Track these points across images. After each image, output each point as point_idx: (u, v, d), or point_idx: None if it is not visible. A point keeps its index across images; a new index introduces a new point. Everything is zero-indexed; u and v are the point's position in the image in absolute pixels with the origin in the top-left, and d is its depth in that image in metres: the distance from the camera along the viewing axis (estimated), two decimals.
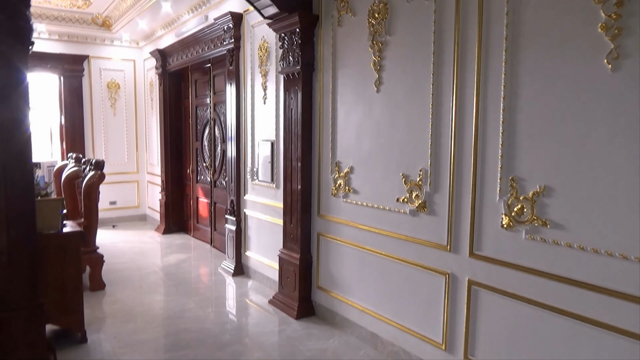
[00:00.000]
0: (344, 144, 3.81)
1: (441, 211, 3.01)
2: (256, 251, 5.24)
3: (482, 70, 2.70)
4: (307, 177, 4.21)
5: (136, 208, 8.82)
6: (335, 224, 3.96)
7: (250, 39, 5.07)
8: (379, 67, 3.41)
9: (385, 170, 3.41)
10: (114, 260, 6.06)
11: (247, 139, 5.25)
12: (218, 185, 6.63)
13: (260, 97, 4.96)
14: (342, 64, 3.79)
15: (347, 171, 3.79)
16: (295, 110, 4.18)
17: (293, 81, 4.17)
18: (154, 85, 8.14)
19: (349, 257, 3.84)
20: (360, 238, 3.69)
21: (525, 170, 2.52)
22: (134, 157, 8.70)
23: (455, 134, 2.88)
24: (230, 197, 5.60)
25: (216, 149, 6.66)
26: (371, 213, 3.57)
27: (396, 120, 3.30)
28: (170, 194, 7.74)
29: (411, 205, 3.21)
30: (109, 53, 8.34)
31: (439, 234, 3.03)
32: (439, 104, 2.98)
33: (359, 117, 3.64)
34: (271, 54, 4.73)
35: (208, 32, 5.90)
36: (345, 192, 3.82)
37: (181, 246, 6.94)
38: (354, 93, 3.68)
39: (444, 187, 2.98)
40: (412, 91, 3.16)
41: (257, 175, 5.09)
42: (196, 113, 7.27)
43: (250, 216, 5.31)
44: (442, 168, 2.99)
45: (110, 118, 8.42)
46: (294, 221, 4.30)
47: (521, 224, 2.54)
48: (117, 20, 7.39)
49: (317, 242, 4.21)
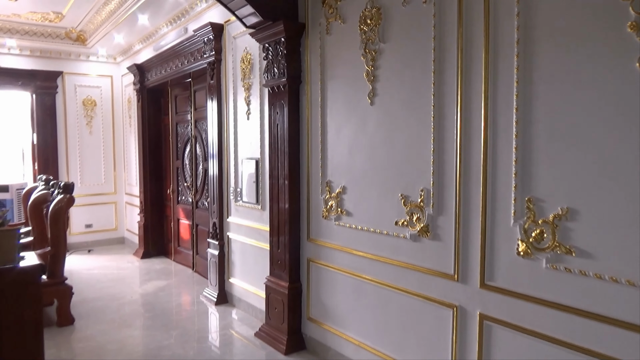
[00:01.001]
0: (335, 161, 3.50)
1: (446, 236, 2.70)
2: (241, 278, 4.86)
3: (490, 78, 2.42)
4: (295, 197, 3.87)
5: (114, 231, 8.36)
6: (327, 249, 3.62)
7: (232, 51, 4.77)
8: (372, 77, 3.12)
9: (382, 190, 3.10)
10: (86, 289, 5.60)
11: (230, 157, 4.91)
12: (200, 206, 6.25)
13: (243, 113, 4.64)
14: (332, 75, 3.49)
15: (339, 191, 3.47)
16: (281, 126, 3.86)
17: (278, 94, 3.86)
18: (132, 102, 7.77)
19: (343, 286, 3.49)
20: (355, 265, 3.36)
21: (544, 190, 2.22)
22: (112, 177, 8.28)
23: (460, 150, 2.59)
24: (212, 219, 5.22)
25: (198, 167, 6.30)
26: (367, 237, 3.24)
27: (393, 135, 3.00)
28: (150, 216, 7.32)
29: (412, 229, 2.89)
30: (84, 69, 7.96)
31: (445, 262, 2.71)
32: (441, 116, 2.69)
33: (351, 132, 3.33)
34: (254, 67, 4.42)
35: (187, 44, 5.58)
36: (337, 214, 3.49)
37: (161, 272, 6.51)
38: (345, 106, 3.38)
39: (449, 209, 2.67)
40: (411, 103, 2.87)
41: (241, 196, 4.74)
42: (177, 130, 6.91)
43: (234, 240, 4.94)
44: (447, 188, 2.68)
45: (86, 137, 8.00)
46: (282, 246, 3.95)
47: (541, 251, 2.24)
48: (92, 34, 7.04)
49: (308, 269, 3.85)
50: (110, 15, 6.02)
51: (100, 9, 6.01)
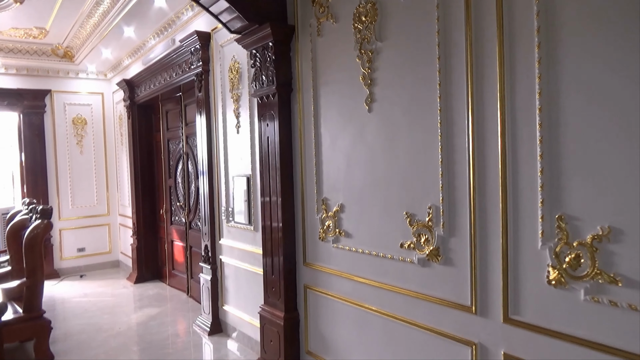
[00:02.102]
0: (332, 176, 3.13)
1: (460, 260, 2.31)
2: (235, 305, 4.47)
3: (506, 74, 2.05)
4: (288, 217, 3.50)
5: (108, 254, 7.99)
6: (326, 275, 3.23)
7: (219, 60, 4.44)
8: (369, 80, 2.76)
9: (384, 208, 2.72)
10: (72, 320, 5.22)
11: (221, 174, 4.55)
12: (193, 227, 5.88)
13: (233, 126, 4.29)
14: (325, 81, 3.14)
15: (336, 210, 3.09)
16: (272, 139, 3.51)
17: (268, 105, 3.51)
18: (123, 119, 7.46)
19: (345, 317, 3.09)
20: (357, 293, 2.97)
21: (578, 205, 1.84)
22: (104, 197, 7.94)
23: (473, 160, 2.21)
24: (204, 241, 4.85)
25: (190, 186, 5.95)
26: (369, 262, 2.85)
27: (394, 144, 2.63)
28: (143, 238, 6.96)
29: (420, 253, 2.50)
30: (74, 86, 7.67)
31: (460, 291, 2.31)
32: (449, 122, 2.32)
33: (347, 143, 2.97)
34: (243, 76, 4.09)
35: (175, 56, 5.26)
36: (335, 235, 3.11)
37: (154, 297, 6.13)
38: (340, 114, 3.02)
39: (462, 229, 2.29)
40: (414, 108, 2.50)
41: (232, 216, 4.37)
42: (168, 147, 6.58)
43: (227, 264, 4.56)
44: (459, 205, 2.30)
45: (77, 156, 7.68)
46: (276, 271, 3.57)
47: (577, 280, 1.85)
48: (79, 50, 6.76)
49: (305, 297, 3.46)
50: (94, 28, 5.73)
51: (84, 22, 5.73)
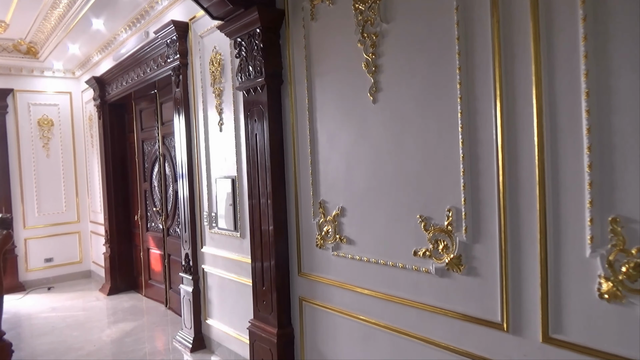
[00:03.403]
0: (330, 177, 2.81)
1: (487, 270, 2.02)
2: (220, 319, 4.10)
3: (543, 54, 1.77)
4: (281, 222, 3.16)
5: (78, 264, 7.48)
6: (324, 286, 2.91)
7: (199, 52, 4.07)
8: (374, 68, 2.45)
9: (393, 211, 2.41)
10: (39, 339, 4.76)
11: (202, 176, 4.18)
12: (172, 234, 5.48)
13: (215, 124, 3.93)
14: (321, 71, 2.82)
15: (336, 214, 2.77)
16: (260, 136, 3.17)
17: (255, 99, 3.17)
18: (93, 120, 6.98)
19: (347, 332, 2.77)
20: (361, 306, 2.65)
21: (637, 206, 1.56)
22: (74, 204, 7.43)
23: (503, 155, 1.92)
24: (184, 249, 4.47)
25: (167, 190, 5.53)
26: (375, 271, 2.54)
27: (405, 140, 2.33)
28: (116, 246, 6.50)
29: (437, 261, 2.20)
30: (39, 85, 7.15)
31: (487, 305, 2.02)
32: (472, 112, 2.03)
33: (348, 139, 2.65)
34: (226, 68, 3.73)
35: (149, 49, 4.86)
36: (335, 242, 2.79)
37: (130, 310, 5.68)
38: (339, 107, 2.70)
39: (489, 234, 2.00)
40: (428, 97, 2.20)
41: (216, 222, 4.00)
42: (143, 148, 6.15)
43: (210, 274, 4.19)
44: (485, 206, 2.01)
45: (43, 160, 7.16)
46: (267, 282, 3.22)
47: (638, 294, 1.57)
48: (43, 45, 6.26)
49: (300, 311, 3.13)
50: (59, 20, 5.27)
51: (48, 14, 5.26)
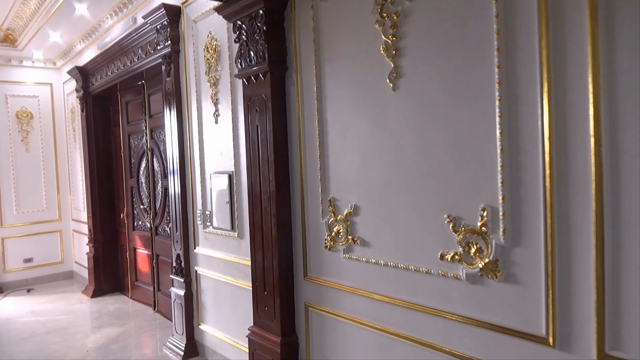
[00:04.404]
0: (341, 172, 2.56)
1: (529, 277, 1.79)
2: (215, 325, 3.83)
3: (600, 31, 1.55)
4: (285, 221, 2.91)
5: (60, 264, 7.12)
6: (334, 292, 2.67)
7: (192, 38, 3.78)
8: (394, 51, 2.21)
9: (416, 210, 2.18)
10: (17, 346, 4.43)
11: (195, 172, 3.90)
12: (161, 233, 5.17)
13: (210, 115, 3.65)
14: (332, 56, 2.57)
15: (348, 212, 2.53)
16: (263, 128, 2.90)
17: (257, 87, 2.91)
18: (76, 113, 6.62)
19: (361, 343, 2.54)
20: (377, 314, 2.41)
21: None
22: (55, 201, 7.06)
23: (550, 146, 1.70)
24: (175, 250, 4.18)
25: (156, 186, 5.23)
26: (394, 276, 2.31)
27: (430, 130, 2.09)
28: (101, 246, 6.17)
29: (469, 267, 1.98)
30: (17, 76, 6.76)
31: (528, 316, 1.80)
32: (513, 98, 1.80)
33: (363, 130, 2.41)
34: (222, 55, 3.45)
35: (137, 36, 4.55)
36: (347, 243, 2.55)
37: (115, 314, 5.37)
38: (353, 96, 2.45)
39: (532, 236, 1.78)
40: (458, 82, 1.97)
41: (210, 221, 3.73)
42: (129, 143, 5.82)
43: (204, 276, 3.91)
44: (527, 205, 1.78)
45: (22, 155, 6.77)
46: (270, 287, 2.97)
47: None
48: (21, 32, 5.89)
49: (306, 318, 2.89)
50: (39, 5, 4.92)
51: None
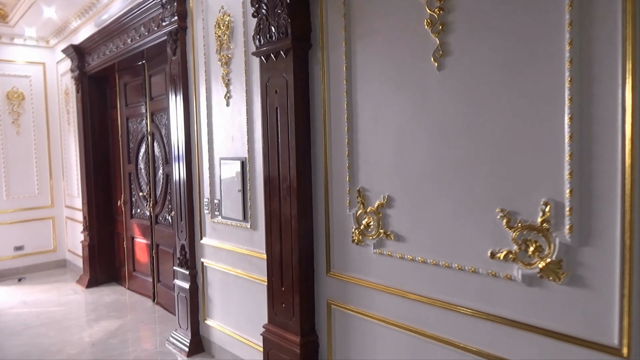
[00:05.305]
0: (372, 160, 2.35)
1: (600, 280, 1.60)
2: (223, 320, 3.62)
3: None
4: (306, 211, 2.70)
5: (52, 252, 6.85)
6: (362, 289, 2.47)
7: (201, 13, 3.52)
8: (440, 26, 1.99)
9: (461, 203, 1.97)
10: (9, 340, 4.20)
11: (203, 158, 3.66)
12: (161, 222, 4.94)
13: (220, 97, 3.41)
14: (365, 31, 2.34)
15: (379, 204, 2.32)
16: (283, 111, 2.67)
17: (277, 65, 2.67)
18: (70, 94, 6.32)
19: (392, 345, 2.34)
20: (413, 315, 2.22)
21: None
22: (47, 187, 6.77)
23: (632, 134, 1.50)
24: (180, 240, 3.95)
25: (157, 172, 4.98)
26: (433, 275, 2.11)
27: (481, 114, 1.88)
28: (96, 234, 5.92)
29: (526, 267, 1.78)
30: (8, 54, 6.42)
31: (597, 323, 1.61)
32: (585, 80, 1.59)
33: (401, 114, 2.19)
34: (236, 32, 3.21)
35: (139, 12, 4.27)
36: (378, 237, 2.34)
37: (112, 306, 5.14)
38: (390, 76, 2.23)
39: (605, 234, 1.58)
40: (517, 61, 1.76)
41: (219, 210, 3.51)
42: (127, 127, 5.55)
43: (211, 268, 3.69)
44: (599, 199, 1.59)
45: (13, 138, 6.47)
46: (288, 282, 2.76)
47: None
48: (13, 7, 5.56)
49: (328, 316, 2.69)
50: None
51: None
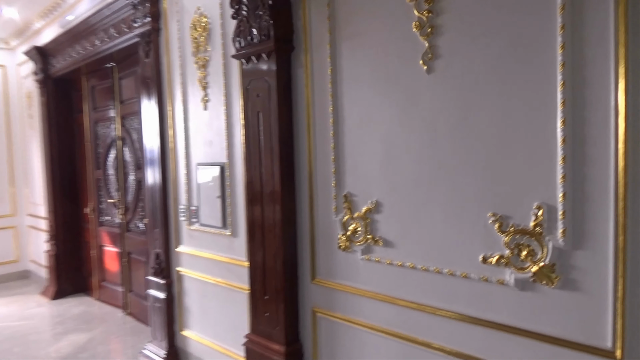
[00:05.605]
0: (360, 164, 2.31)
1: (593, 283, 1.61)
2: (201, 330, 3.50)
3: None
4: (290, 219, 2.63)
5: (14, 263, 6.52)
6: (349, 296, 2.42)
7: (176, 14, 3.41)
8: (429, 29, 1.98)
9: (452, 207, 1.96)
10: None
11: (179, 163, 3.54)
12: (133, 229, 4.77)
13: (197, 101, 3.31)
14: (351, 33, 2.30)
15: (367, 209, 2.28)
16: (265, 115, 2.61)
17: (259, 68, 2.60)
18: (32, 98, 6.04)
19: (381, 353, 2.30)
20: (403, 322, 2.19)
21: None
22: (7, 195, 6.45)
23: (626, 137, 1.51)
24: (154, 248, 3.81)
25: (127, 178, 4.81)
26: (424, 281, 2.09)
27: (473, 118, 1.87)
28: (62, 243, 5.66)
29: (518, 271, 1.77)
30: None
31: (591, 327, 1.62)
32: (579, 81, 1.60)
33: (389, 118, 2.16)
34: (213, 34, 3.12)
35: (108, 13, 4.12)
36: (366, 243, 2.30)
37: (81, 318, 4.92)
38: (377, 79, 2.20)
39: (598, 238, 1.59)
40: (509, 64, 1.75)
41: (197, 217, 3.40)
42: (95, 131, 5.34)
43: (188, 278, 3.57)
44: (592, 203, 1.59)
45: None
46: (271, 291, 2.69)
47: None
48: None
49: (313, 325, 2.63)
50: None
51: None
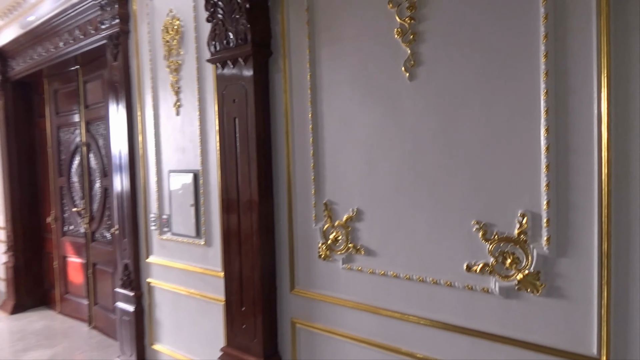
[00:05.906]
0: (341, 172, 2.27)
1: (578, 290, 1.61)
2: (173, 344, 3.37)
3: None
4: (268, 228, 2.56)
5: None
6: (330, 307, 2.37)
7: (147, 17, 3.30)
8: (412, 36, 1.96)
9: (435, 215, 1.94)
10: None
11: (149, 170, 3.41)
12: (98, 239, 4.57)
13: (169, 106, 3.20)
14: (330, 39, 2.26)
15: (348, 217, 2.24)
16: (242, 121, 2.53)
17: (236, 73, 2.53)
18: None
19: None
20: (385, 332, 2.15)
21: None
22: None
23: (608, 145, 1.52)
24: (122, 259, 3.65)
25: (93, 186, 4.61)
26: (407, 290, 2.06)
27: (456, 125, 1.86)
28: (22, 254, 5.37)
29: (503, 279, 1.77)
30: None
31: (576, 334, 1.62)
32: (562, 89, 1.61)
33: (370, 125, 2.13)
34: (186, 37, 3.02)
35: (73, 14, 3.95)
36: (347, 252, 2.26)
37: (42, 333, 4.67)
38: (358, 85, 2.17)
39: (583, 245, 1.60)
40: (493, 72, 1.75)
41: (169, 226, 3.28)
42: (58, 137, 5.11)
43: (159, 289, 3.44)
44: (577, 211, 1.60)
45: None
46: (248, 302, 2.60)
47: None
48: None
49: (293, 336, 2.56)
50: None
51: None
